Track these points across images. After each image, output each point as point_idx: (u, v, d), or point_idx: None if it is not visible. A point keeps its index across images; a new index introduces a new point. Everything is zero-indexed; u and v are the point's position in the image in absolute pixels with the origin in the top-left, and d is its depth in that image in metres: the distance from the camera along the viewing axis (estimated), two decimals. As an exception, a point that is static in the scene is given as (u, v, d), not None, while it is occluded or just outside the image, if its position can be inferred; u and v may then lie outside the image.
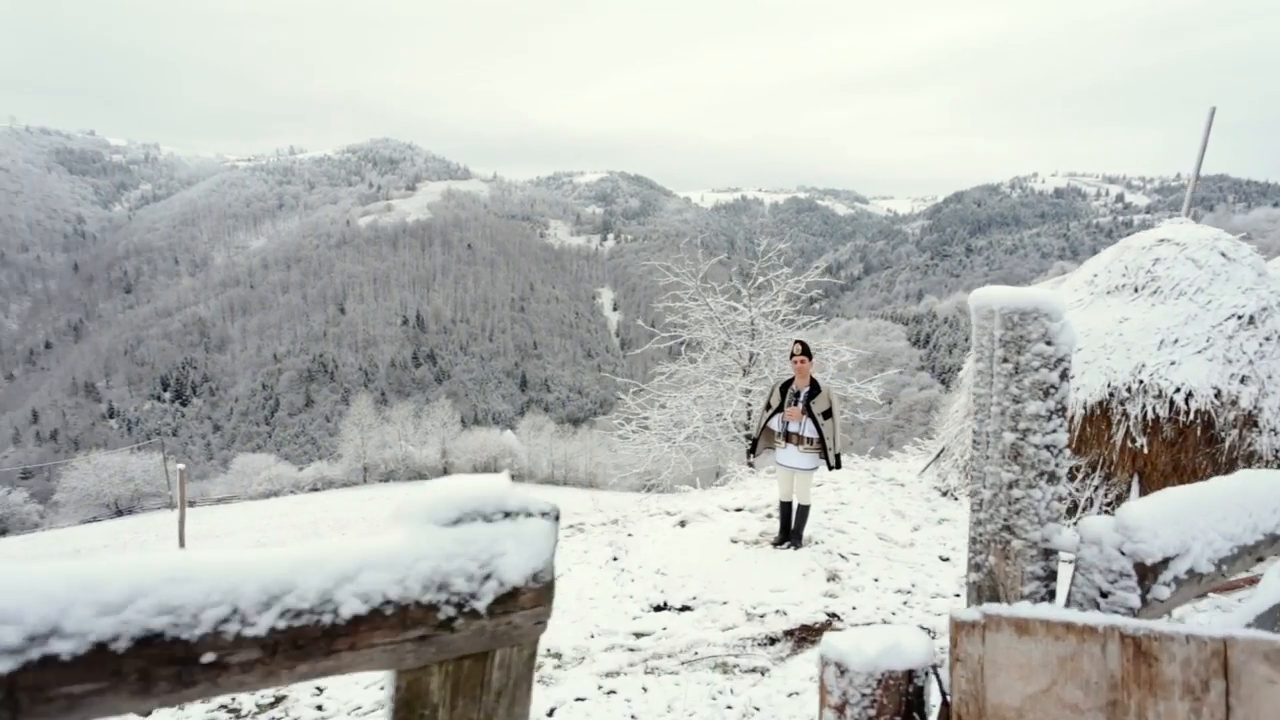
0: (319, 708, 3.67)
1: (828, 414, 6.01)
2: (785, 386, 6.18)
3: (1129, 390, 6.85)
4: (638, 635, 4.54)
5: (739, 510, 7.54)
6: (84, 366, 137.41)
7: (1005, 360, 1.42)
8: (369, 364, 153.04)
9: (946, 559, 5.99)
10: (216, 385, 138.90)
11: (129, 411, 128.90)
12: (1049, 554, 1.45)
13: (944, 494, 8.06)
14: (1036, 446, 1.40)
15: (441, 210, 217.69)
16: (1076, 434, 7.01)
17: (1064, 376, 1.41)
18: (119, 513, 45.41)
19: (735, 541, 6.38)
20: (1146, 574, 1.36)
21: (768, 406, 6.22)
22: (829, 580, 5.28)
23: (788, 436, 6.07)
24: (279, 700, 3.80)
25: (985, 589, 1.50)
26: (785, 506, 6.33)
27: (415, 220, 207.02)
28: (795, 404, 6.05)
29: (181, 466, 9.24)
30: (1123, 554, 1.34)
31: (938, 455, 8.86)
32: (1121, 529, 1.37)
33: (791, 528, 6.26)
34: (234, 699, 3.82)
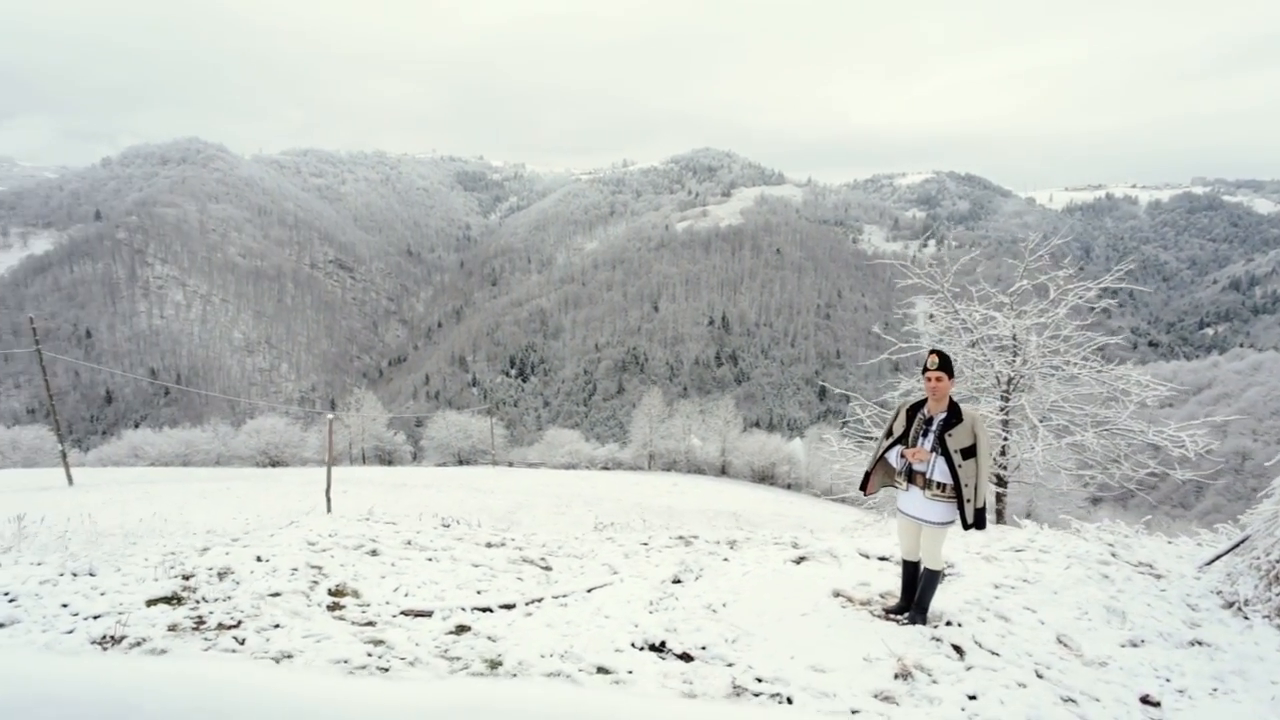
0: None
1: (969, 452, 4.29)
2: (914, 410, 4.56)
3: None
4: (598, 670, 3.74)
5: (882, 559, 5.92)
6: (460, 343, 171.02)
7: None
8: (675, 359, 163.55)
9: (1154, 704, 3.86)
10: (549, 368, 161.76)
11: (486, 382, 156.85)
12: None
13: (1229, 605, 5.35)
14: None
15: (753, 215, 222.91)
16: None
17: None
18: (460, 462, 55.25)
19: (838, 595, 4.97)
20: None
21: (889, 433, 4.67)
22: (895, 678, 3.70)
23: (911, 476, 4.49)
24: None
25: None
26: (909, 567, 4.76)
27: (728, 225, 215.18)
28: (924, 436, 4.44)
29: (331, 416, 10.28)
30: None
31: (1235, 545, 5.98)
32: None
33: (914, 596, 4.67)
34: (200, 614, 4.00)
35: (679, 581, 5.25)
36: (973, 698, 3.58)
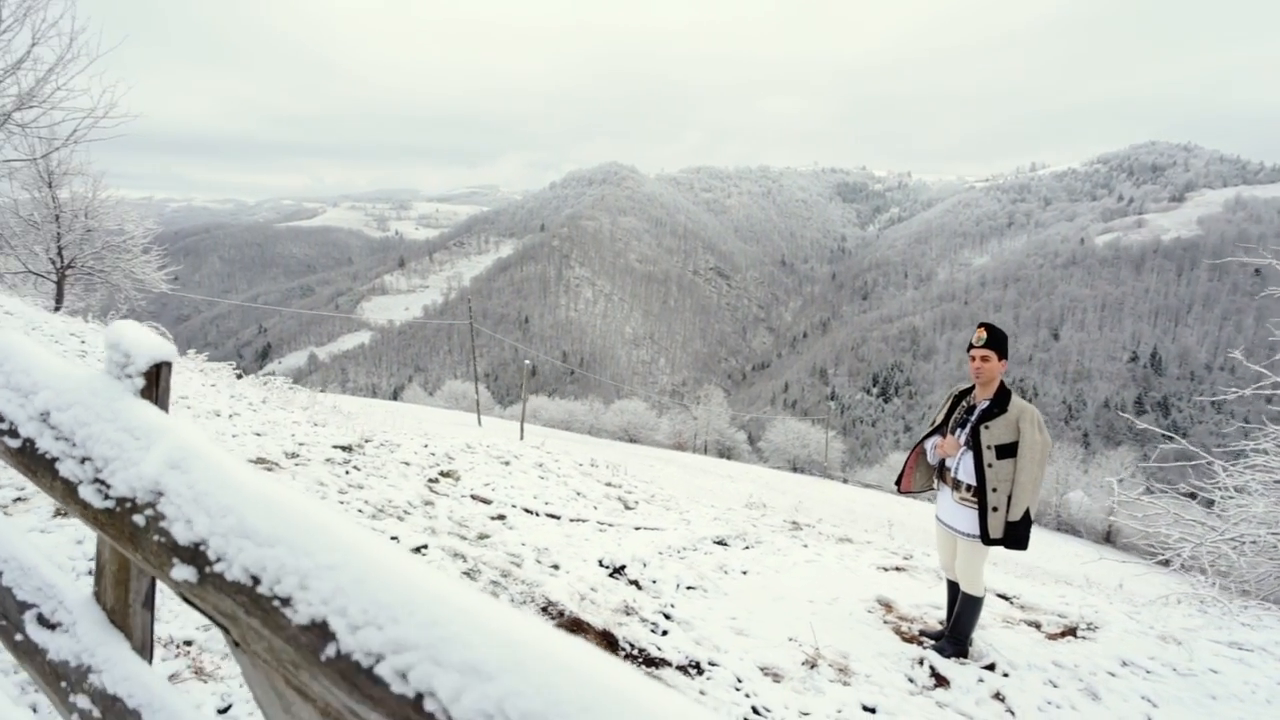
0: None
1: (1007, 451, 3.40)
2: (961, 397, 3.87)
3: None
4: (553, 566, 4.27)
5: (1000, 595, 4.67)
6: (822, 355, 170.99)
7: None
8: (1075, 399, 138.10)
9: None
10: (915, 390, 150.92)
11: (845, 398, 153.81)
12: None
13: None
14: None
15: (1218, 224, 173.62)
16: None
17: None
18: (794, 469, 55.58)
19: (882, 603, 4.10)
20: None
21: (934, 423, 3.90)
22: (802, 664, 3.05)
23: (942, 474, 3.57)
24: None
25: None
26: (952, 588, 3.76)
27: (1174, 238, 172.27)
28: (962, 427, 3.69)
29: (528, 362, 11.19)
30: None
31: None
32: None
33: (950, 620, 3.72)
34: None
35: (723, 543, 4.91)
36: (870, 709, 2.72)
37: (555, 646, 0.58)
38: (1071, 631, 4.38)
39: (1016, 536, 3.42)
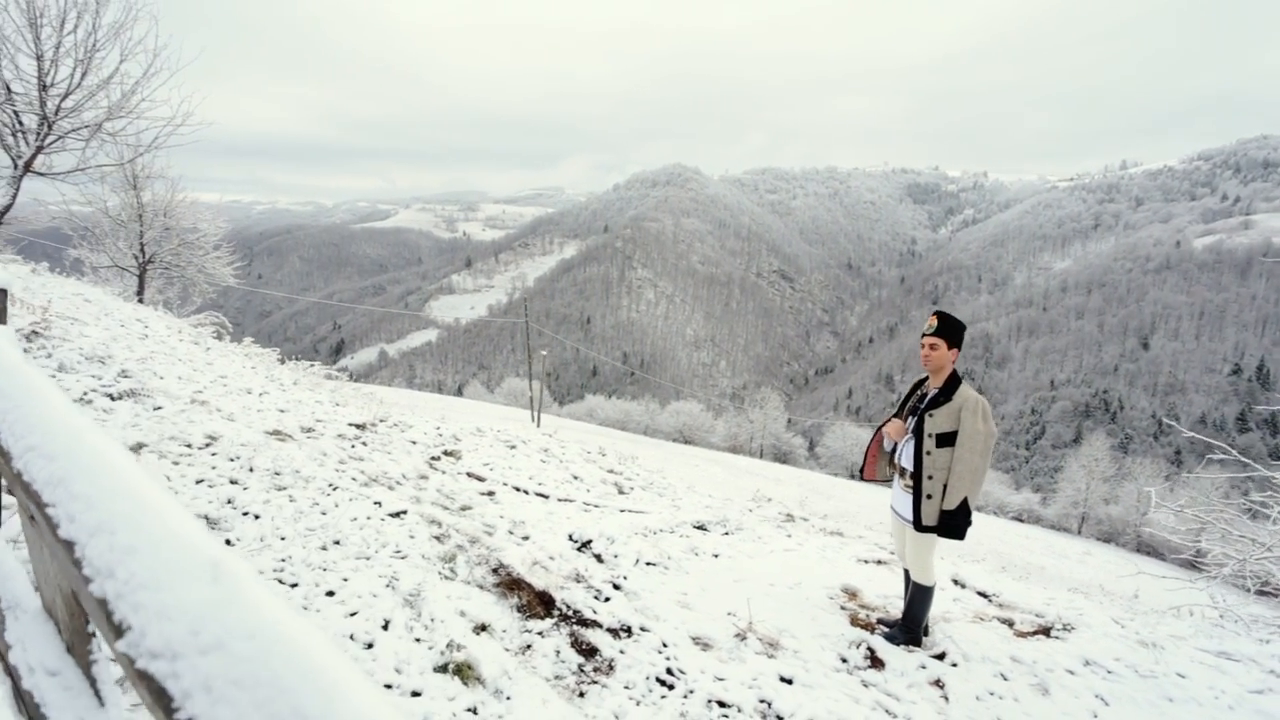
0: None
1: (946, 440, 3.44)
2: (919, 385, 3.92)
3: None
4: (523, 537, 4.25)
5: (981, 593, 4.68)
6: (889, 361, 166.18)
7: None
8: (1166, 412, 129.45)
9: None
10: (989, 399, 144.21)
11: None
12: None
13: None
14: None
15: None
16: None
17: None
18: (851, 476, 54.43)
19: (846, 591, 4.19)
20: None
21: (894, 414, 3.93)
22: (734, 636, 3.19)
23: (892, 462, 3.87)
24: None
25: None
26: (907, 576, 3.85)
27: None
28: (914, 414, 3.75)
29: (544, 353, 11.35)
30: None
31: None
32: None
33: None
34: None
35: (703, 528, 5.08)
36: (787, 680, 2.86)
37: (110, 456, 0.93)
38: (1045, 631, 4.31)
39: (952, 525, 3.43)
